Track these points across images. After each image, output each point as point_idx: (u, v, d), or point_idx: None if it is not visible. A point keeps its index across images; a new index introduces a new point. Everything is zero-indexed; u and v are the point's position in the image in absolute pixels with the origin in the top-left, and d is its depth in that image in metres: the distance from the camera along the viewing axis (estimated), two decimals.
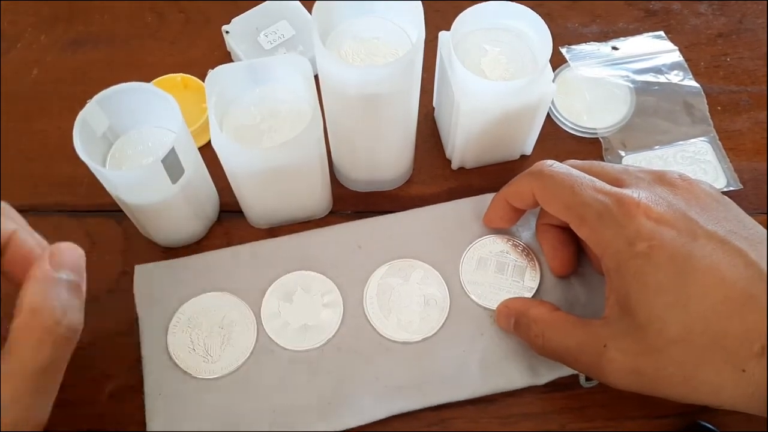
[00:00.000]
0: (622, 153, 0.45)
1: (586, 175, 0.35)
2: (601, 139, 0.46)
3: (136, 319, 0.39)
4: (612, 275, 0.33)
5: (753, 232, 0.32)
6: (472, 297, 0.39)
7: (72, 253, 0.29)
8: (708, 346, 0.30)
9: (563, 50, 0.49)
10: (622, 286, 0.32)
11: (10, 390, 0.26)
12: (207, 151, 0.38)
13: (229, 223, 0.43)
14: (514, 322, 0.37)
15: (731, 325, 0.30)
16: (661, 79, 0.48)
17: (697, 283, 0.30)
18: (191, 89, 0.46)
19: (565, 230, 0.39)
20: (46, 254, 0.28)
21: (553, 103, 0.47)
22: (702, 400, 0.31)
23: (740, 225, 0.33)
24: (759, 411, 0.30)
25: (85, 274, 0.30)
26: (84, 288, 0.29)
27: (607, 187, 0.34)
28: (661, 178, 0.35)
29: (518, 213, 0.40)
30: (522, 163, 0.45)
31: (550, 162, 0.37)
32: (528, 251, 0.41)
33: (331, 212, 0.43)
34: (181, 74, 0.46)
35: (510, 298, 0.39)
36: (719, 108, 0.47)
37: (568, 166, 0.36)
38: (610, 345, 0.32)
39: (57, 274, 0.28)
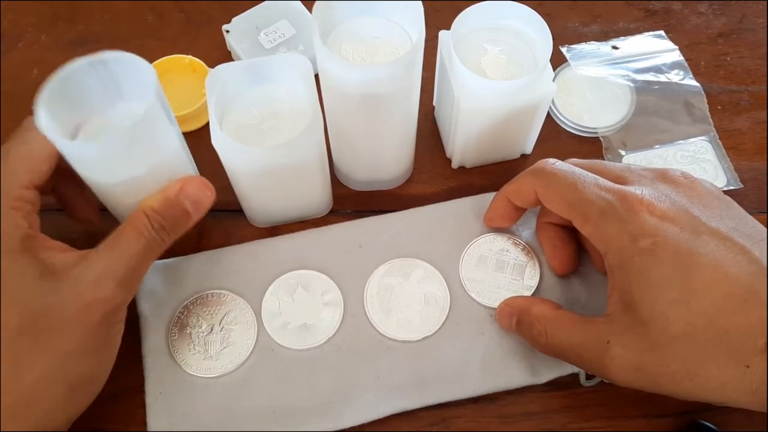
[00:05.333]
0: (623, 152, 0.45)
1: (589, 173, 0.35)
2: (601, 139, 0.46)
3: (137, 318, 0.39)
4: (615, 272, 0.33)
5: (754, 230, 0.32)
6: (472, 295, 0.39)
7: (198, 190, 0.36)
8: (711, 342, 0.30)
9: (563, 50, 0.49)
10: (625, 283, 0.32)
11: (110, 265, 0.33)
12: (206, 150, 0.38)
13: (229, 223, 0.43)
14: (516, 320, 0.37)
15: (734, 321, 0.30)
16: (662, 78, 0.48)
17: (700, 279, 0.30)
18: (198, 72, 0.47)
19: (566, 229, 0.39)
20: (182, 180, 0.35)
21: (553, 102, 0.47)
22: (705, 396, 0.31)
23: (742, 223, 0.33)
24: (762, 407, 0.30)
25: (203, 209, 0.36)
26: (193, 218, 0.36)
27: (610, 184, 0.34)
28: (663, 176, 0.35)
29: (519, 212, 0.40)
30: (522, 162, 0.45)
31: (552, 160, 0.37)
32: (528, 250, 0.41)
33: (332, 211, 0.43)
34: (189, 56, 0.47)
35: (511, 297, 0.39)
36: (719, 107, 0.47)
37: (570, 164, 0.36)
38: (613, 342, 0.32)
39: (181, 199, 0.35)
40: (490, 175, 0.45)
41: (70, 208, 0.39)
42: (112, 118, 0.35)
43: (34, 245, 0.32)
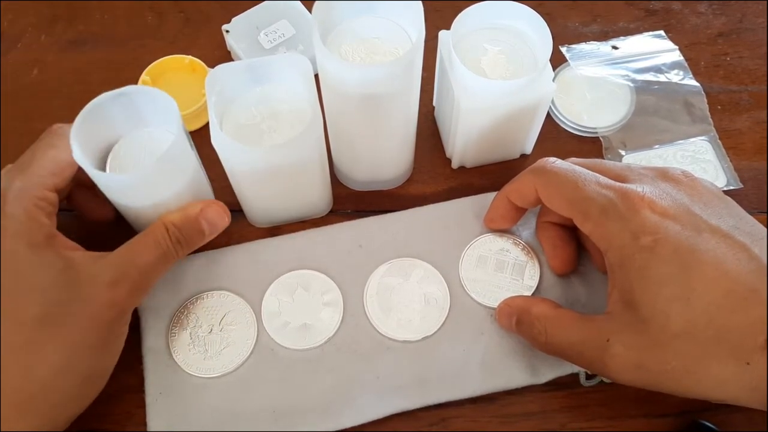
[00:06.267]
0: (623, 152, 0.45)
1: (589, 172, 0.35)
2: (601, 138, 0.46)
3: (137, 318, 0.39)
4: (615, 270, 0.33)
5: (754, 229, 0.32)
6: (472, 295, 0.39)
7: (216, 214, 0.38)
8: (712, 339, 0.30)
9: (563, 49, 0.49)
10: (625, 281, 0.32)
11: (125, 269, 0.34)
12: (206, 150, 0.38)
13: (230, 223, 0.43)
14: (516, 320, 0.37)
15: (735, 319, 0.30)
16: (661, 78, 0.48)
17: (701, 277, 0.30)
18: (198, 72, 0.47)
19: (566, 228, 0.39)
20: (204, 203, 0.38)
21: (553, 102, 0.47)
22: (706, 394, 0.31)
23: (742, 221, 0.33)
24: (762, 405, 0.30)
25: (216, 232, 0.39)
26: (206, 238, 0.38)
27: (611, 182, 0.34)
28: (664, 175, 0.35)
29: (520, 212, 0.40)
30: (522, 162, 0.45)
31: (552, 159, 0.37)
32: (528, 249, 0.41)
33: (332, 211, 0.43)
34: (189, 56, 0.47)
35: (510, 297, 0.39)
36: (719, 107, 0.47)
37: (570, 163, 0.36)
38: (613, 340, 0.32)
39: (200, 220, 0.37)
40: (490, 175, 0.45)
41: (86, 211, 0.40)
42: (135, 142, 0.38)
43: (55, 242, 0.34)
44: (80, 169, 0.35)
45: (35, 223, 0.33)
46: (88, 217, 0.40)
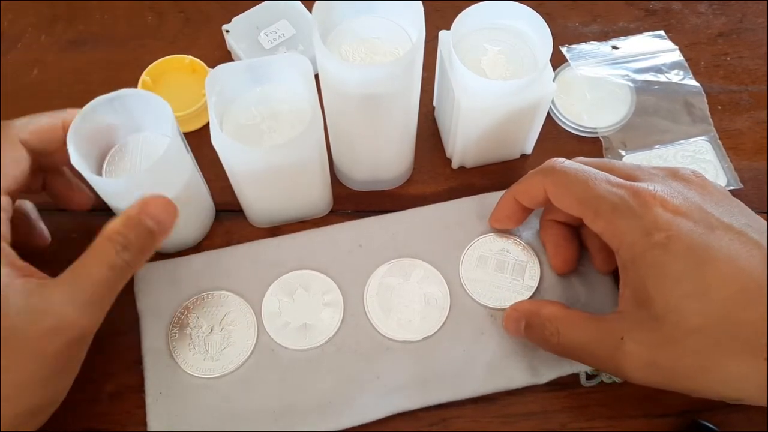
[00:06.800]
0: (623, 152, 0.45)
1: (599, 171, 0.35)
2: (601, 139, 0.46)
3: (137, 318, 0.39)
4: (628, 267, 0.33)
5: (763, 228, 0.32)
6: (473, 296, 0.39)
7: (160, 208, 0.34)
8: (726, 335, 0.30)
9: (563, 49, 0.49)
10: (637, 278, 0.32)
11: (72, 291, 0.31)
12: (206, 150, 0.38)
13: (230, 223, 0.43)
14: (526, 324, 0.36)
15: (750, 315, 0.29)
16: (662, 78, 0.48)
17: (715, 273, 0.30)
18: (198, 73, 0.47)
19: (569, 227, 0.39)
20: (143, 201, 0.34)
21: (553, 102, 0.47)
22: (721, 392, 0.31)
23: (753, 220, 0.33)
24: None
25: (167, 228, 0.34)
26: (157, 236, 0.34)
27: (622, 180, 0.34)
28: (674, 174, 0.35)
29: (526, 212, 0.40)
30: (522, 162, 0.45)
31: (561, 159, 0.36)
32: (528, 250, 0.41)
33: (332, 211, 0.43)
34: (189, 56, 0.47)
35: (517, 302, 0.38)
36: (719, 107, 0.47)
37: (579, 163, 0.36)
38: (626, 338, 0.32)
39: (143, 218, 0.33)
40: (491, 175, 0.45)
41: (63, 200, 0.39)
42: (131, 146, 0.38)
43: (1, 261, 0.31)
44: (53, 155, 0.34)
45: None
46: (66, 206, 0.39)
